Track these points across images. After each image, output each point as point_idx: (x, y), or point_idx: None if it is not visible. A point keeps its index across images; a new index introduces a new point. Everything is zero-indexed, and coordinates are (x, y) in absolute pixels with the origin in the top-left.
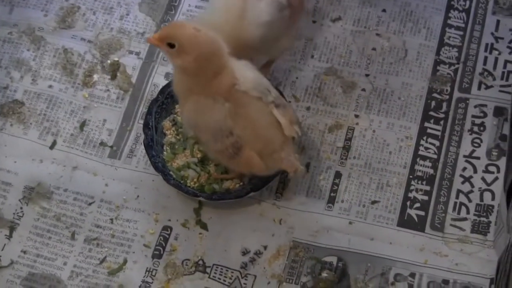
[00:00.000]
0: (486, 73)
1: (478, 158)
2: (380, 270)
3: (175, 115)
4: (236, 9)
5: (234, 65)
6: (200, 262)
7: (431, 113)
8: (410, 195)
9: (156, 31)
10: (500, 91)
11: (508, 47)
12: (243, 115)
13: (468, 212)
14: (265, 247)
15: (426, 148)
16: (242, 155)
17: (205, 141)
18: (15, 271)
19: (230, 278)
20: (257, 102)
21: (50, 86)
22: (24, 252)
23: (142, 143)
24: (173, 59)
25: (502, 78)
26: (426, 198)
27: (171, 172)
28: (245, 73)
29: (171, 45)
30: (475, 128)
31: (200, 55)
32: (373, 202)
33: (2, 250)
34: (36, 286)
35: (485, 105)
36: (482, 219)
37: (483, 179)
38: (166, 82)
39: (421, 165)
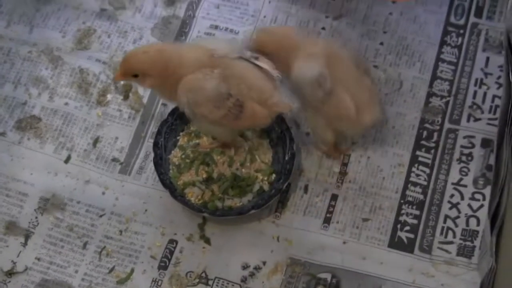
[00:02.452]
0: (475, 106)
1: (465, 186)
2: None
3: (181, 143)
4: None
5: (206, 43)
6: (203, 275)
7: (423, 142)
8: (401, 218)
9: None
10: (488, 123)
11: (496, 82)
12: (232, 75)
13: (454, 236)
14: (264, 263)
15: (417, 175)
16: (246, 110)
17: (208, 113)
18: (29, 277)
19: None
20: (238, 61)
21: (66, 104)
22: (38, 259)
23: (152, 161)
24: (142, 85)
25: (490, 112)
26: (415, 221)
27: (177, 189)
28: (218, 44)
29: (135, 75)
30: (463, 158)
31: (160, 72)
32: (365, 220)
33: (18, 256)
34: None
35: (474, 137)
36: (467, 243)
37: (469, 205)
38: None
39: (412, 191)
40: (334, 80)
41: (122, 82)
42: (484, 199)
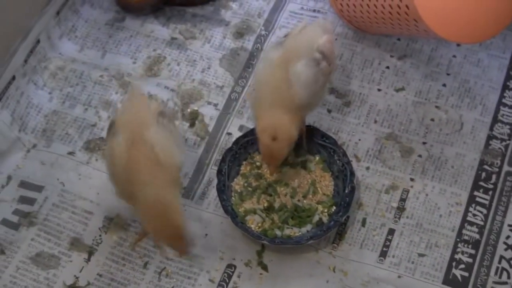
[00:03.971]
0: None
1: None
2: None
3: (243, 171)
4: (281, 80)
5: None
6: None
7: (481, 183)
8: (456, 256)
9: (234, 86)
10: None
11: None
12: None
13: (509, 277)
14: None
15: (474, 215)
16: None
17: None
18: None
19: None
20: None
21: None
22: (100, 276)
23: (215, 187)
24: None
25: None
26: (470, 260)
27: (238, 216)
28: None
29: None
30: None
31: None
32: (421, 255)
33: (80, 272)
34: None
35: None
36: None
37: None
38: (240, 133)
39: (468, 230)
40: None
41: (189, 110)
42: None
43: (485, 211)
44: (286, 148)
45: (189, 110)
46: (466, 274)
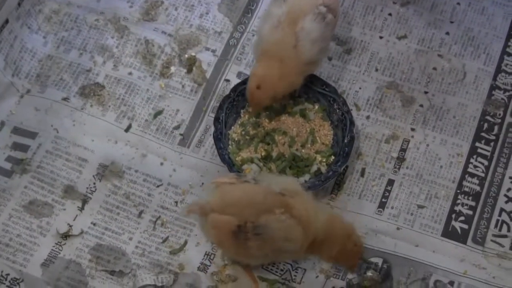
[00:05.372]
0: None
1: None
2: (422, 275)
3: (242, 119)
4: (287, 36)
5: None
6: None
7: (483, 134)
8: (456, 208)
9: (233, 32)
10: None
11: None
12: None
13: (509, 230)
14: None
15: (475, 166)
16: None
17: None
18: (84, 241)
19: (282, 270)
20: None
21: (130, 73)
22: (94, 224)
23: (212, 135)
24: None
25: None
26: (470, 212)
27: (235, 165)
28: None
29: None
30: None
31: None
32: (420, 207)
33: (74, 220)
34: (102, 256)
35: None
36: None
37: None
38: (238, 80)
39: (468, 182)
40: None
41: (186, 56)
42: None
43: (486, 163)
44: (267, 99)
45: (186, 55)
46: (465, 226)
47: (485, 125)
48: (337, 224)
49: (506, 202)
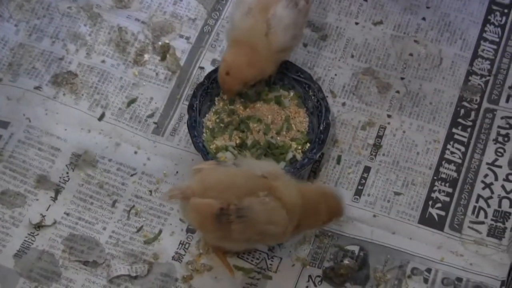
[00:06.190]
0: None
1: (500, 166)
2: (399, 263)
3: (216, 107)
4: (259, 23)
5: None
6: None
7: (460, 120)
8: (433, 195)
9: (207, 19)
10: None
11: None
12: None
13: (486, 217)
14: None
15: (452, 153)
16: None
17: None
18: (57, 231)
19: (257, 259)
20: None
21: (103, 61)
22: (67, 214)
23: (186, 123)
24: None
25: None
26: (447, 199)
27: (209, 153)
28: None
29: None
30: (500, 138)
31: None
32: (397, 194)
33: (47, 210)
34: (76, 246)
35: (511, 117)
36: (498, 224)
37: (503, 186)
38: (213, 68)
39: (445, 168)
40: None
41: (160, 43)
42: None
43: (463, 149)
44: (238, 85)
45: (160, 43)
46: (442, 213)
47: (462, 111)
48: (309, 192)
49: (483, 188)
